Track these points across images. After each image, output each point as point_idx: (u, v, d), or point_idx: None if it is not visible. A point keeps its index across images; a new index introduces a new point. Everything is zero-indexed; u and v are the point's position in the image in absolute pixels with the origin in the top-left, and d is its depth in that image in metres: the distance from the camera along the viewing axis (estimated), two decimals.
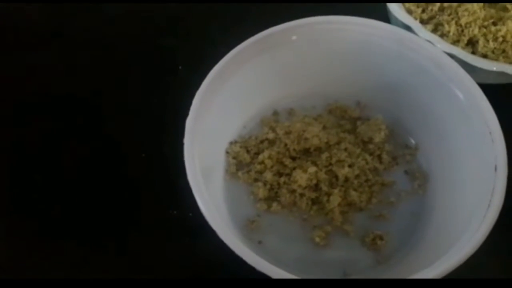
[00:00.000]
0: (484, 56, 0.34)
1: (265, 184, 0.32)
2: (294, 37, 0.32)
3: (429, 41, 0.32)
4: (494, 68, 0.33)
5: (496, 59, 0.34)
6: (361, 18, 0.31)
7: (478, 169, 0.27)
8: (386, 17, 0.38)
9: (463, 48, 0.34)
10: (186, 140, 0.27)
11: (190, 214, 0.32)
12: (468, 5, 0.36)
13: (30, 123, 0.37)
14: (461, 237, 0.25)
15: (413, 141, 0.34)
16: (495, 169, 0.26)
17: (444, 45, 0.33)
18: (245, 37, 0.31)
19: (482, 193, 0.26)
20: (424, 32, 0.34)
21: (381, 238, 0.30)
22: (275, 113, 0.35)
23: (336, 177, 0.31)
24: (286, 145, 0.32)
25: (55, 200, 0.34)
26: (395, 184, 0.32)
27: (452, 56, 0.32)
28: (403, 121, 0.34)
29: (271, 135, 0.33)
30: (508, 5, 0.36)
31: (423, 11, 0.37)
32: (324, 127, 0.34)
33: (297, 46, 0.32)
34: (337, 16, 0.31)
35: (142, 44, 0.41)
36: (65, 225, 0.33)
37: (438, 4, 0.36)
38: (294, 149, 0.32)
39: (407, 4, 0.37)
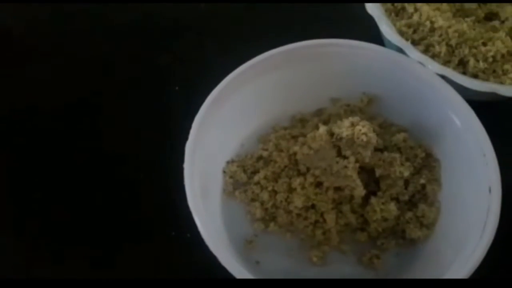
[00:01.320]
0: (475, 76, 0.34)
1: (262, 204, 0.32)
2: (292, 59, 0.32)
3: (420, 62, 0.33)
4: (485, 89, 0.33)
5: (487, 79, 0.34)
6: (357, 41, 0.32)
7: (473, 190, 0.28)
8: (380, 40, 0.38)
9: (454, 68, 0.34)
10: (186, 165, 0.28)
11: (188, 235, 0.32)
12: (458, 26, 0.36)
13: (35, 129, 0.38)
14: (458, 257, 0.25)
15: None
16: (490, 190, 0.26)
17: (435, 66, 0.33)
18: (241, 57, 0.32)
19: (478, 213, 0.26)
20: (415, 53, 0.34)
21: (377, 257, 0.30)
22: (274, 130, 0.35)
23: (333, 199, 0.31)
24: (279, 163, 0.32)
25: (53, 210, 0.34)
26: None
27: (443, 77, 0.32)
28: None
29: (265, 153, 0.33)
30: (497, 25, 0.37)
31: (414, 31, 0.37)
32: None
33: (295, 67, 0.33)
34: (335, 40, 0.32)
35: (140, 63, 0.41)
36: (63, 238, 0.33)
37: (428, 25, 0.37)
38: (286, 167, 0.32)
39: (398, 25, 0.37)
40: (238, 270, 0.25)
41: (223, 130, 0.32)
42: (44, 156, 0.36)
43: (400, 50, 0.34)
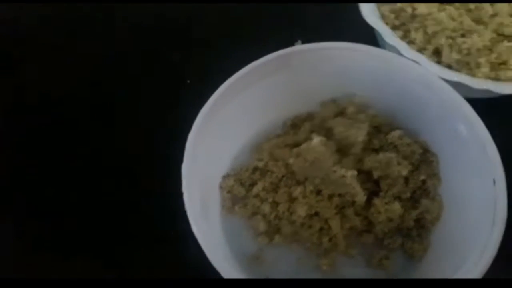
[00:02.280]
0: (449, 66, 0.34)
1: (264, 217, 0.31)
2: (280, 66, 0.31)
3: (395, 47, 0.32)
4: (453, 78, 0.32)
5: (459, 71, 0.34)
6: (353, 43, 0.31)
7: (476, 183, 0.28)
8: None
9: (429, 56, 0.34)
10: (185, 187, 0.26)
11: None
12: (436, 15, 0.36)
13: (47, 126, 0.38)
14: (470, 255, 0.25)
15: None
16: (494, 182, 0.26)
17: (409, 52, 0.33)
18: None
19: (485, 206, 0.26)
20: (391, 38, 0.34)
21: (387, 258, 0.30)
22: (266, 138, 0.34)
23: (336, 204, 0.31)
24: (276, 173, 0.32)
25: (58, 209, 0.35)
26: None
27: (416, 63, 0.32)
28: None
29: (260, 164, 0.32)
30: (485, 18, 0.36)
31: (397, 17, 0.37)
32: None
33: (283, 74, 0.32)
34: (333, 42, 0.31)
35: (151, 58, 0.42)
36: (64, 238, 0.34)
37: (410, 11, 0.37)
38: (284, 176, 0.32)
39: (381, 9, 0.37)
40: None
41: (216, 146, 0.31)
42: (52, 154, 0.37)
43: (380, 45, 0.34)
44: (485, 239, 0.25)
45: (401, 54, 0.33)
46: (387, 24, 0.36)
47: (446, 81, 0.31)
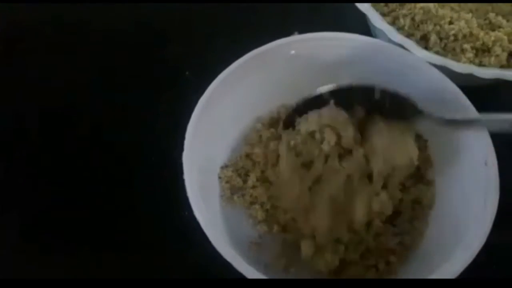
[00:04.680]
0: (436, 52, 0.35)
1: (262, 206, 0.31)
2: (273, 59, 0.32)
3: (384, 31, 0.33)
4: (437, 62, 0.33)
5: (445, 56, 0.35)
6: (349, 33, 0.32)
7: (467, 166, 0.29)
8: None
9: (416, 42, 0.35)
10: (186, 175, 0.27)
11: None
12: (424, 5, 0.37)
13: (41, 131, 0.38)
14: (465, 235, 0.26)
15: None
16: (486, 163, 0.27)
17: (397, 37, 0.34)
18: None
19: (477, 188, 0.27)
20: (380, 23, 0.35)
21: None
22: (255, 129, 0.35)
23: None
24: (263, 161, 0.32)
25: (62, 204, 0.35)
26: None
27: (403, 48, 0.33)
28: None
29: (249, 150, 0.33)
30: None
31: (386, 4, 0.38)
32: None
33: (276, 65, 0.33)
34: (331, 33, 0.32)
35: (149, 51, 0.42)
36: (64, 239, 0.33)
37: None
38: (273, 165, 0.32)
39: None
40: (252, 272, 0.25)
41: (213, 137, 0.31)
42: (51, 153, 0.37)
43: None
44: (479, 219, 0.26)
45: (389, 39, 0.34)
46: (376, 10, 0.36)
47: (434, 66, 0.31)
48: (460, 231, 0.27)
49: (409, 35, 0.36)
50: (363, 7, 0.36)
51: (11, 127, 0.38)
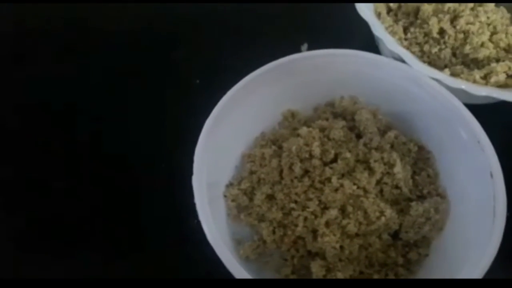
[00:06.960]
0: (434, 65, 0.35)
1: (271, 223, 0.31)
2: (278, 76, 0.32)
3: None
4: (437, 76, 0.32)
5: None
6: (356, 51, 0.32)
7: (473, 178, 0.29)
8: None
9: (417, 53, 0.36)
10: (197, 198, 0.27)
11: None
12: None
13: (49, 135, 0.38)
14: (473, 249, 0.26)
15: None
16: (491, 175, 0.28)
17: (397, 48, 0.34)
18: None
19: (484, 200, 0.27)
20: (381, 32, 0.35)
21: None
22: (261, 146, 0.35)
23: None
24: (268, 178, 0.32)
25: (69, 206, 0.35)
26: None
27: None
28: None
29: (253, 167, 0.33)
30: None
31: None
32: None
33: (292, 77, 0.33)
34: (338, 50, 0.32)
35: (158, 57, 0.42)
36: (64, 239, 0.34)
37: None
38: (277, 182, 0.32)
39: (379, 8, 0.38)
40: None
41: (220, 155, 0.31)
42: (55, 153, 0.37)
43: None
44: (487, 231, 0.26)
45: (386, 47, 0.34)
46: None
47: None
48: (468, 247, 0.27)
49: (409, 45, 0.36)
50: (366, 16, 0.36)
51: (16, 128, 0.39)
